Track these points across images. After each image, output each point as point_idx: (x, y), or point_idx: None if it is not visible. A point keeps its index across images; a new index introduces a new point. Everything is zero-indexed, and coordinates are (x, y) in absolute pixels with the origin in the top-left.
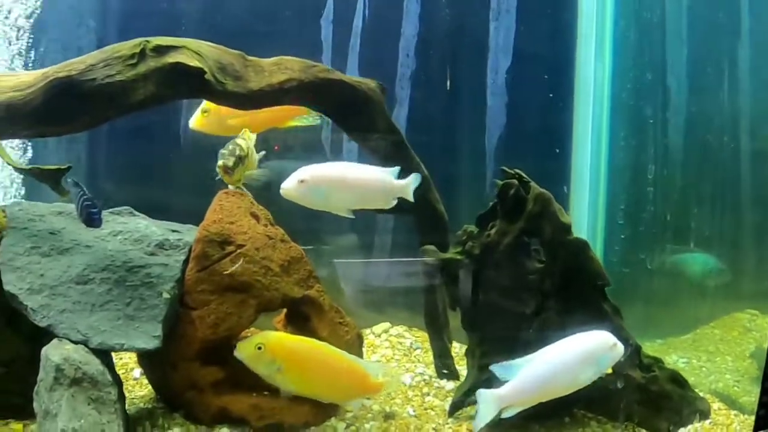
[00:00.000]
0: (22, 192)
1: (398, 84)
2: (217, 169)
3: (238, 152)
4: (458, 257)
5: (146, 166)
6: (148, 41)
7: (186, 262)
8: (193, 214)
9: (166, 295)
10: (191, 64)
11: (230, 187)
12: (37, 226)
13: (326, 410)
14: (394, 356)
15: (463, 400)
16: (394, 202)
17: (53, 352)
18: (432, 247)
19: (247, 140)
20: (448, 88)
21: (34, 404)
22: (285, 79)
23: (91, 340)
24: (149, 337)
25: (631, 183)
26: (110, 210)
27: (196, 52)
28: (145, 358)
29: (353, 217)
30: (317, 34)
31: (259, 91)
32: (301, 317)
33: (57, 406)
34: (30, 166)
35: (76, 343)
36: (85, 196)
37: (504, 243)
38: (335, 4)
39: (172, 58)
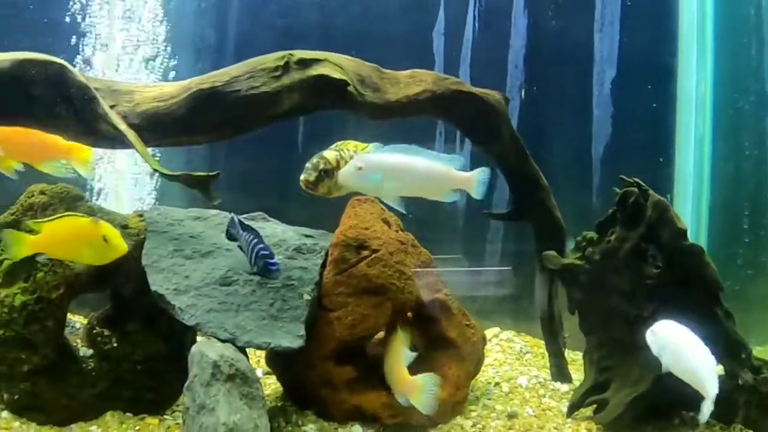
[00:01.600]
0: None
1: (507, 94)
2: (300, 184)
3: (322, 166)
4: (578, 262)
5: (264, 173)
6: (291, 54)
7: (323, 265)
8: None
9: (307, 297)
10: (335, 76)
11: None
12: (177, 230)
13: (453, 409)
14: (506, 360)
15: (582, 401)
16: (456, 196)
17: (209, 350)
18: (553, 253)
19: (342, 151)
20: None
21: (185, 399)
22: (420, 91)
23: (239, 339)
24: (293, 337)
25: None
26: (244, 215)
27: (337, 64)
28: (278, 358)
29: (404, 212)
30: (429, 45)
31: (397, 102)
32: (429, 319)
33: (214, 400)
34: (179, 173)
35: (223, 341)
36: (260, 245)
37: (623, 249)
38: (446, 18)
39: (316, 70)
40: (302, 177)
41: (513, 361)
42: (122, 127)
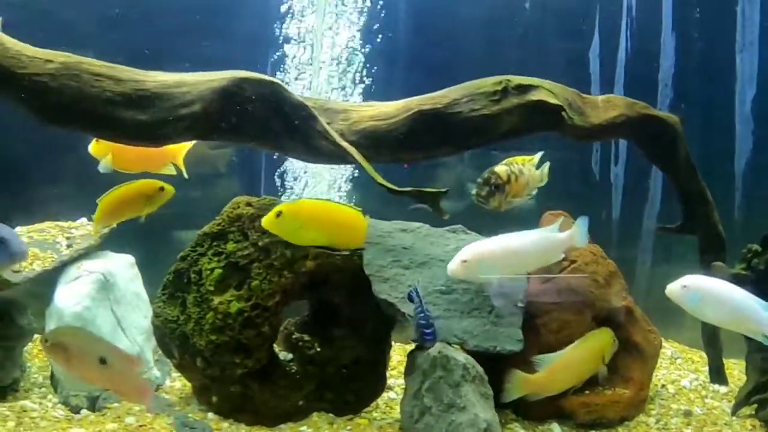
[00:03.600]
0: None
1: None
2: (472, 197)
3: (494, 181)
4: (744, 272)
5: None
6: (509, 80)
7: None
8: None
9: (520, 305)
10: (551, 101)
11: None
12: (389, 241)
13: (637, 407)
14: (662, 364)
15: (746, 401)
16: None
17: (453, 353)
18: (721, 264)
19: (511, 165)
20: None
21: (425, 399)
22: (616, 115)
23: (468, 343)
24: (514, 341)
25: None
26: (446, 228)
27: (550, 90)
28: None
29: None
30: (586, 66)
31: (598, 125)
32: (614, 325)
33: (465, 399)
34: (407, 188)
35: (453, 345)
36: (422, 313)
37: None
38: (601, 39)
39: (533, 96)
40: (474, 191)
41: (668, 365)
42: (344, 143)
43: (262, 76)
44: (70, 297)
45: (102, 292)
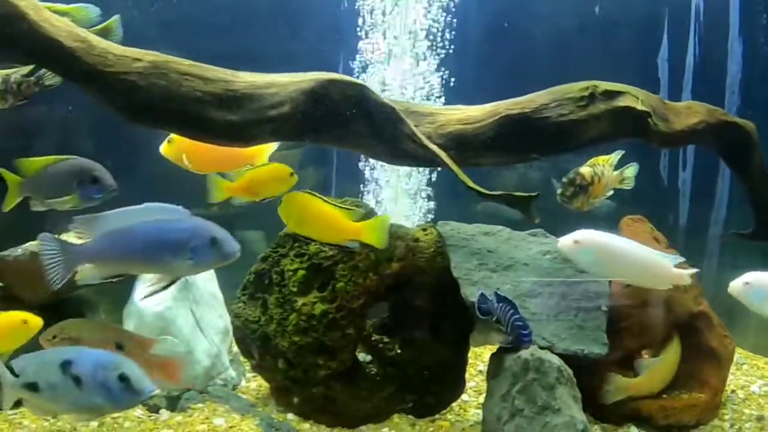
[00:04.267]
0: None
1: None
2: (557, 197)
3: (578, 181)
4: None
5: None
6: (596, 85)
7: None
8: None
9: (604, 308)
10: (639, 108)
11: None
12: (473, 244)
13: (713, 411)
14: None
15: None
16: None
17: (548, 356)
18: None
19: (595, 166)
20: None
21: (516, 401)
22: (697, 122)
23: (556, 346)
24: (600, 344)
25: None
26: (528, 231)
27: (636, 96)
28: None
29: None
30: (655, 71)
31: (680, 131)
32: (692, 330)
33: (560, 402)
34: (499, 192)
35: (542, 348)
36: (516, 315)
37: None
38: (669, 44)
39: (621, 101)
40: (558, 191)
41: (735, 371)
42: (432, 146)
43: (349, 78)
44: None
45: (183, 291)
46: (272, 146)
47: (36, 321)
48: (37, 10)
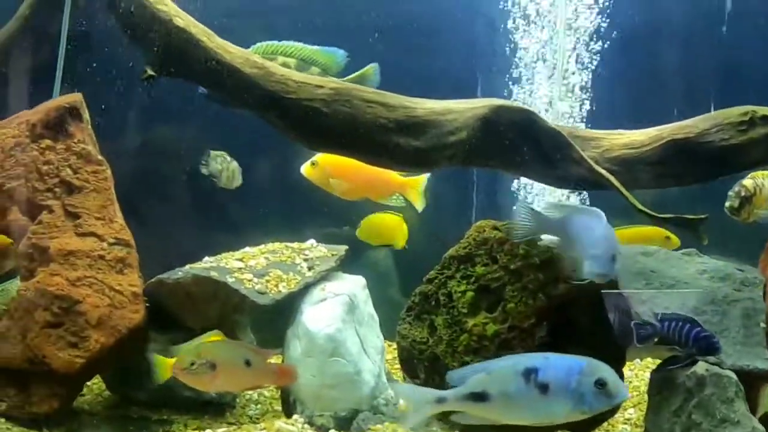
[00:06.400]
0: None
1: None
2: (725, 210)
3: (743, 193)
4: None
5: None
6: (755, 111)
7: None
8: None
9: (763, 325)
10: None
11: None
12: (635, 265)
13: None
14: None
15: None
16: None
17: (724, 371)
18: None
19: (755, 178)
20: None
21: (693, 416)
22: None
23: (724, 363)
24: (762, 359)
25: None
26: (682, 251)
27: None
28: None
29: None
30: None
31: None
32: None
33: (740, 414)
34: (670, 215)
35: (712, 364)
36: (697, 328)
37: None
38: None
39: None
40: (727, 204)
41: None
42: (601, 170)
43: (518, 104)
44: (322, 319)
45: (350, 314)
46: (426, 176)
47: None
48: (210, 36)
